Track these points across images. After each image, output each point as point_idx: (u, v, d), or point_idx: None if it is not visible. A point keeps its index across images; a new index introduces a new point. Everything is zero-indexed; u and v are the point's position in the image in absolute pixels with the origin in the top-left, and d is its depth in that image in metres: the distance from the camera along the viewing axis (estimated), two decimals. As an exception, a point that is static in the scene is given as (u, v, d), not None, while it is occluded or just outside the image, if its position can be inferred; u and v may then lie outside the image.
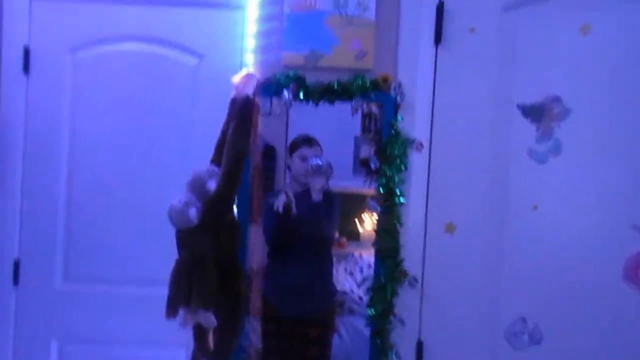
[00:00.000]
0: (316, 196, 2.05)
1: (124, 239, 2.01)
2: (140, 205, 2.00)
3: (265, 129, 2.18)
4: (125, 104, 2.01)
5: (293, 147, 2.23)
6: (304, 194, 2.08)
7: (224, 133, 1.73)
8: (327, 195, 2.09)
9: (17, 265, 2.02)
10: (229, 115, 1.74)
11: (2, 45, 1.98)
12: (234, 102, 1.73)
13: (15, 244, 2.02)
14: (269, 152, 2.43)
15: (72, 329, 2.03)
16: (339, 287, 2.47)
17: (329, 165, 2.05)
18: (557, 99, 1.86)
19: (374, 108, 1.87)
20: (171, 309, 1.61)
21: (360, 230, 2.54)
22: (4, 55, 1.99)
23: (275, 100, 1.86)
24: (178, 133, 2.00)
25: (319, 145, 2.20)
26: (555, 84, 1.86)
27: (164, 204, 1.62)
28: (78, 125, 2.02)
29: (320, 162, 2.04)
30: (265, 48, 1.88)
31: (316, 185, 2.05)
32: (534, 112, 1.87)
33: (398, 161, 1.83)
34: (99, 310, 2.03)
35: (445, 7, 1.88)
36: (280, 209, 2.03)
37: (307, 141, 2.20)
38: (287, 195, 2.05)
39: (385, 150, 1.83)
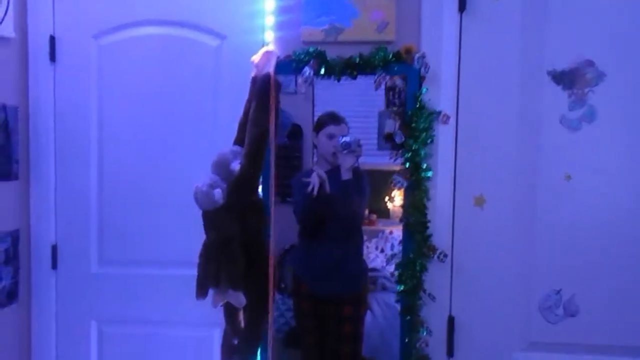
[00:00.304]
0: (346, 175, 2.01)
1: (155, 222, 2.02)
2: (169, 187, 2.00)
3: (291, 107, 2.15)
4: (149, 87, 2.01)
5: (319, 125, 2.19)
6: (333, 173, 2.05)
7: (246, 113, 1.71)
8: (357, 173, 2.05)
9: (54, 250, 2.06)
10: (250, 94, 1.72)
11: (28, 35, 2.00)
12: (254, 81, 1.70)
13: (52, 230, 2.06)
14: (296, 131, 2.40)
15: (110, 310, 2.07)
16: (370, 264, 2.45)
17: (358, 144, 2.00)
18: (590, 63, 1.77)
19: (398, 81, 1.81)
20: (201, 290, 1.62)
21: (390, 206, 2.50)
22: (31, 44, 2.00)
23: (300, 79, 1.82)
24: (202, 114, 2.00)
25: (346, 123, 2.16)
26: (587, 47, 1.78)
27: (192, 186, 1.61)
28: (106, 110, 2.04)
29: (349, 140, 1.99)
30: (284, 24, 1.84)
31: (346, 164, 2.01)
32: (566, 78, 1.78)
33: (424, 134, 1.77)
34: (134, 292, 2.06)
35: (469, -27, 1.80)
36: (315, 192, 1.99)
37: (334, 119, 2.16)
38: (320, 176, 2.01)
39: (411, 124, 1.78)
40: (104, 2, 2.00)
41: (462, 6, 1.80)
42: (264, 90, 1.65)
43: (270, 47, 1.81)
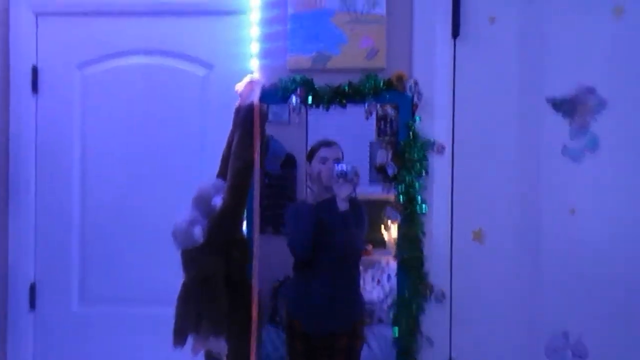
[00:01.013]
0: (343, 205, 1.83)
1: (139, 258, 1.87)
2: (153, 222, 1.86)
3: (284, 136, 2.00)
4: (135, 119, 1.89)
5: (312, 152, 2.02)
6: (329, 203, 1.87)
7: (229, 144, 1.55)
8: (354, 203, 1.87)
9: (33, 290, 1.89)
10: (234, 125, 1.56)
11: (9, 65, 1.87)
12: (238, 111, 1.55)
13: (30, 268, 1.89)
14: (289, 161, 2.24)
15: (91, 352, 1.89)
16: (366, 297, 2.26)
17: (356, 172, 1.81)
18: (591, 90, 1.62)
19: (389, 110, 1.65)
20: (179, 337, 1.44)
21: (387, 236, 2.32)
22: (13, 75, 1.88)
23: (292, 108, 1.66)
24: (189, 145, 1.87)
25: (338, 146, 1.98)
26: (587, 74, 1.63)
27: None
28: (89, 142, 1.91)
29: (345, 169, 1.80)
30: (270, 52, 1.69)
31: (342, 194, 1.83)
32: (566, 106, 1.63)
33: (418, 166, 1.61)
34: (117, 332, 1.88)
35: (462, -2, 1.65)
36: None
37: (325, 143, 1.99)
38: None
39: (404, 155, 1.62)
40: (88, 31, 1.88)
41: (455, 31, 1.65)
42: (247, 121, 1.50)
43: (255, 75, 1.65)
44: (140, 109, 1.86)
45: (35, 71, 1.88)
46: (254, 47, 1.69)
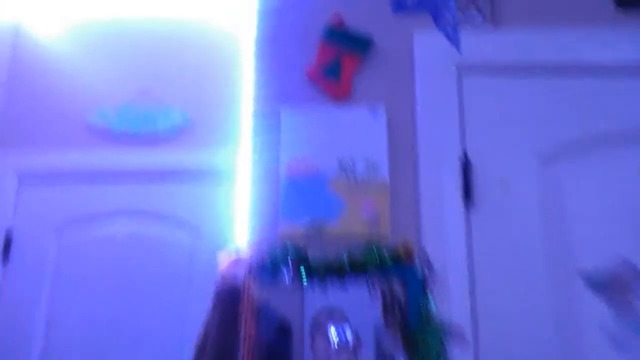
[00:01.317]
0: (345, 382, 1.50)
1: None
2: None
3: (278, 304, 1.74)
4: (110, 291, 1.65)
5: (315, 325, 1.73)
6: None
7: (205, 333, 1.28)
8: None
9: None
10: (214, 308, 1.30)
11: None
12: (219, 294, 1.30)
13: None
14: (284, 331, 1.95)
15: None
16: None
17: (357, 340, 1.51)
18: (630, 266, 1.37)
19: (396, 287, 1.39)
20: None
21: None
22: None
23: (282, 279, 1.42)
24: (172, 317, 1.61)
25: (346, 319, 1.69)
26: (621, 246, 1.39)
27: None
28: (56, 317, 1.66)
29: (344, 337, 1.50)
30: (260, 221, 1.47)
31: (342, 366, 1.51)
32: (603, 282, 1.37)
33: (434, 355, 1.31)
34: None
35: (472, 161, 1.48)
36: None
37: (332, 316, 1.70)
38: None
39: (416, 341, 1.32)
40: (70, 196, 1.76)
41: (467, 196, 1.46)
42: (229, 304, 1.25)
43: (241, 250, 1.42)
44: (116, 280, 1.67)
45: (8, 238, 1.70)
46: (243, 216, 1.49)
